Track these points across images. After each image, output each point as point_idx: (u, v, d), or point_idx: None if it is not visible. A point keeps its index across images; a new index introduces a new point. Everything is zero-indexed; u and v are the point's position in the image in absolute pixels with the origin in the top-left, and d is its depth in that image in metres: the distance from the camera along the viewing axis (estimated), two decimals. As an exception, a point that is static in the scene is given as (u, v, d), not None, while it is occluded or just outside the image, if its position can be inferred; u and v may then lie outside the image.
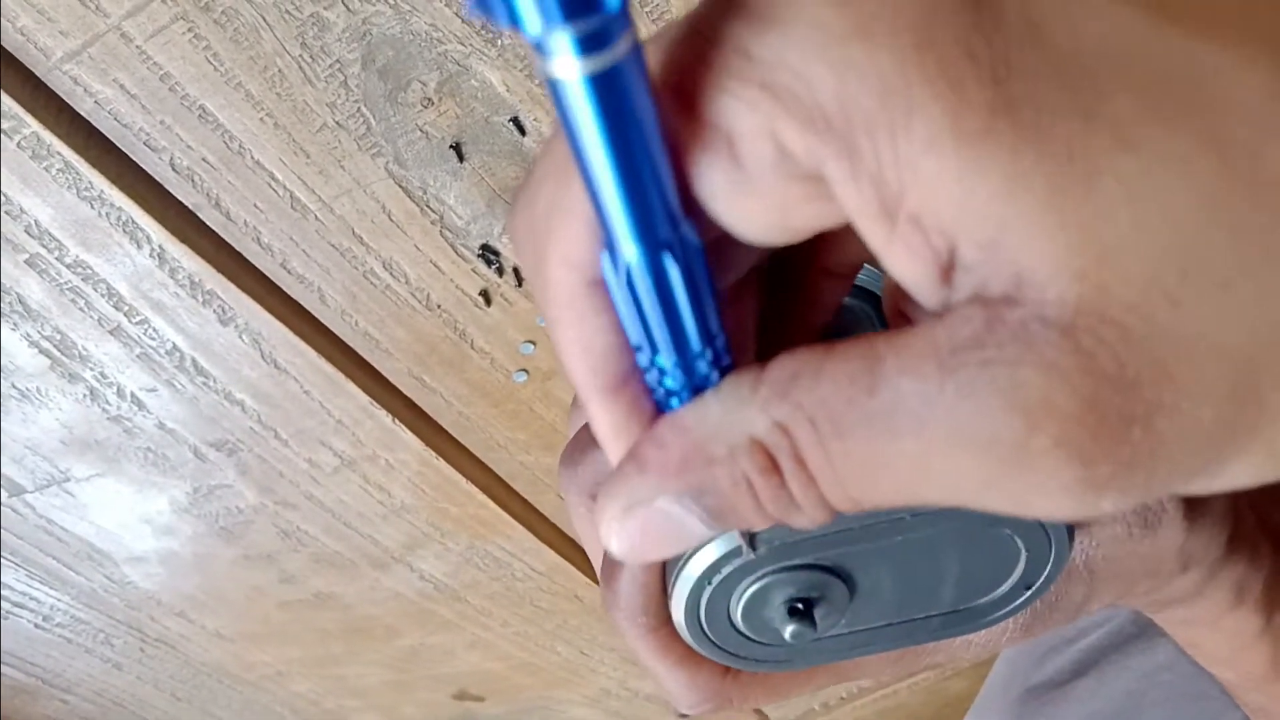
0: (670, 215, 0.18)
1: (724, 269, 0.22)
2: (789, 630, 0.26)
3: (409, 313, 0.64)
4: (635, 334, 0.20)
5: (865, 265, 0.25)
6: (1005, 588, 0.27)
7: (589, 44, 0.15)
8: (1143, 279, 0.15)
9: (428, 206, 0.58)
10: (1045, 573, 0.27)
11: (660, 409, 0.21)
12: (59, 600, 0.82)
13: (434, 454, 0.73)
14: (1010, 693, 0.65)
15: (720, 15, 0.17)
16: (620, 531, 0.21)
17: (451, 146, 0.56)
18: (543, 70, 0.16)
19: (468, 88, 0.54)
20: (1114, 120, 0.15)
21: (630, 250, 0.18)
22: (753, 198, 0.18)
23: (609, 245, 0.18)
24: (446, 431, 0.73)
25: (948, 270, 0.16)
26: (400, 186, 0.57)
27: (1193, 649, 0.36)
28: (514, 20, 0.14)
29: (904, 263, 0.17)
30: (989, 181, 0.15)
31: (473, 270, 0.62)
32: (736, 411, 0.19)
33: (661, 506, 0.20)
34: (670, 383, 0.20)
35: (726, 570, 0.26)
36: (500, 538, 0.82)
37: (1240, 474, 0.17)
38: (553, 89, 0.16)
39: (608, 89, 0.16)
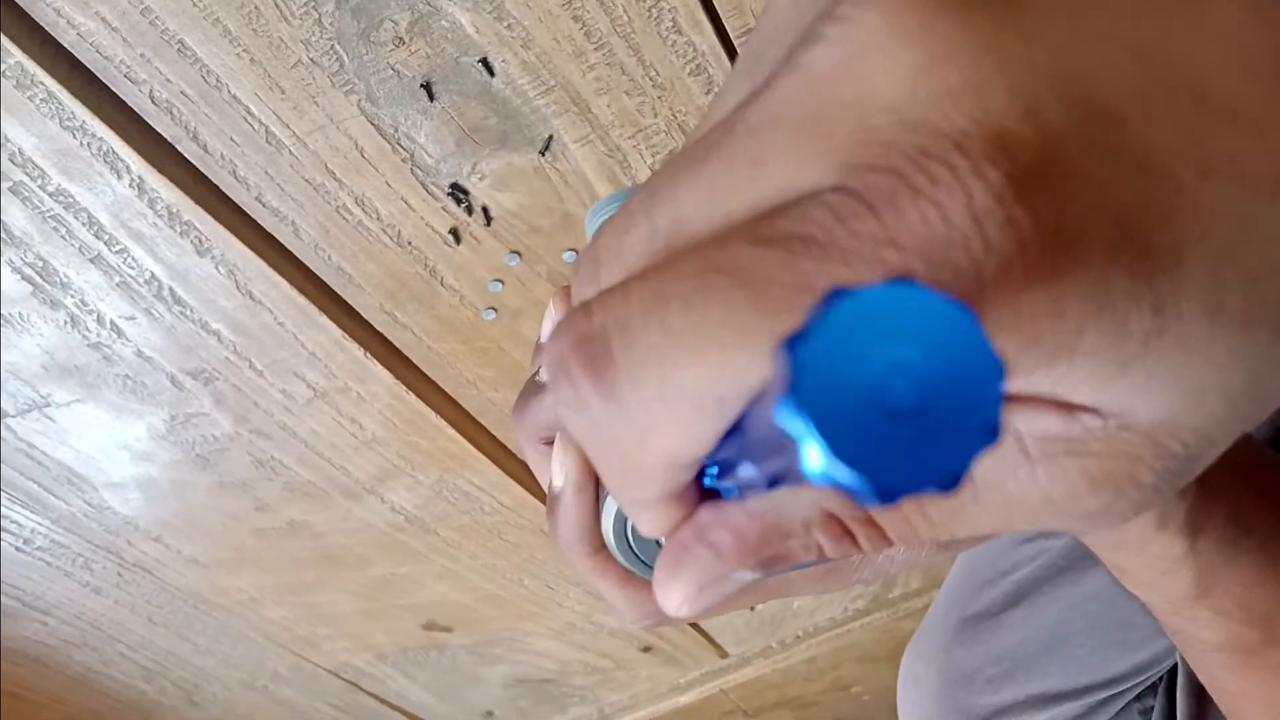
0: None
1: None
2: None
3: (380, 248, 0.66)
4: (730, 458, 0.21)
5: None
6: None
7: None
8: (1221, 406, 0.18)
9: (399, 144, 0.61)
10: None
11: (705, 489, 0.23)
12: (39, 524, 0.85)
13: (404, 388, 0.76)
14: (948, 622, 0.69)
15: None
16: (692, 603, 0.23)
17: (422, 85, 0.58)
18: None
19: (438, 28, 0.56)
20: (1227, 306, 0.18)
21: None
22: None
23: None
24: (416, 366, 0.76)
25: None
26: (372, 124, 0.59)
27: (1119, 572, 0.38)
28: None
29: None
30: (1127, 381, 0.18)
31: (442, 208, 0.64)
32: (815, 492, 0.21)
33: (734, 577, 0.23)
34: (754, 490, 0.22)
35: None
36: (469, 472, 0.85)
37: None
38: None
39: None
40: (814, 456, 0.13)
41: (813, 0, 0.18)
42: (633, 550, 0.30)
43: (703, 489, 0.23)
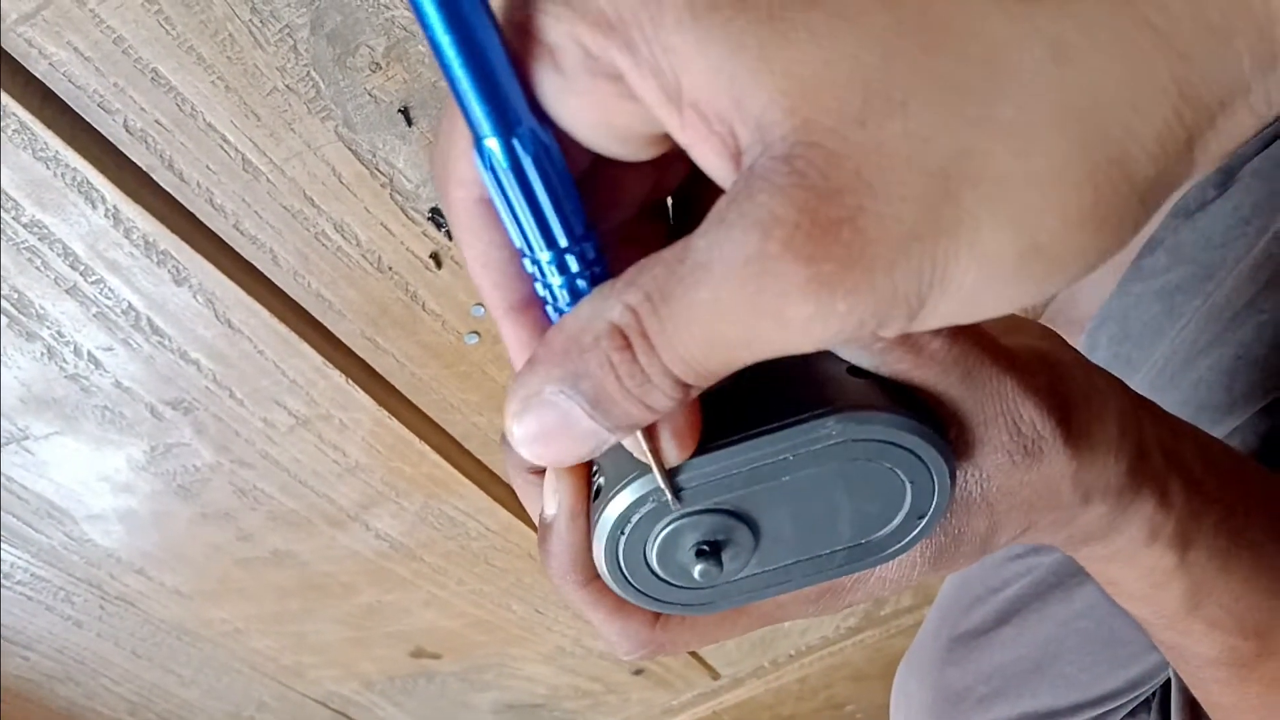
0: (516, 109, 0.21)
1: (612, 201, 0.26)
2: (697, 570, 0.29)
3: (361, 274, 0.66)
4: (512, 230, 0.23)
5: None
6: (899, 520, 0.29)
7: None
8: (834, 107, 0.18)
9: (377, 170, 0.60)
10: (933, 502, 0.29)
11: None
12: (19, 558, 0.84)
13: (387, 414, 0.75)
14: (939, 640, 0.68)
15: None
16: (520, 427, 0.24)
17: (400, 110, 0.58)
18: None
19: (415, 53, 0.55)
20: None
21: (488, 137, 0.22)
22: (576, 97, 0.21)
23: (476, 143, 0.22)
24: (399, 392, 0.75)
25: (737, 156, 0.20)
26: (350, 150, 0.59)
27: (1111, 586, 0.38)
28: None
29: (703, 155, 0.21)
30: (719, 47, 0.19)
31: (423, 233, 0.64)
32: (600, 303, 0.23)
33: (549, 397, 0.24)
34: (554, 281, 0.24)
35: (636, 518, 0.28)
36: (454, 497, 0.84)
37: (966, 284, 0.20)
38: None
39: None
40: None
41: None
42: (625, 577, 0.30)
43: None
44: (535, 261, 0.24)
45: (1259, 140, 0.59)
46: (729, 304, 0.20)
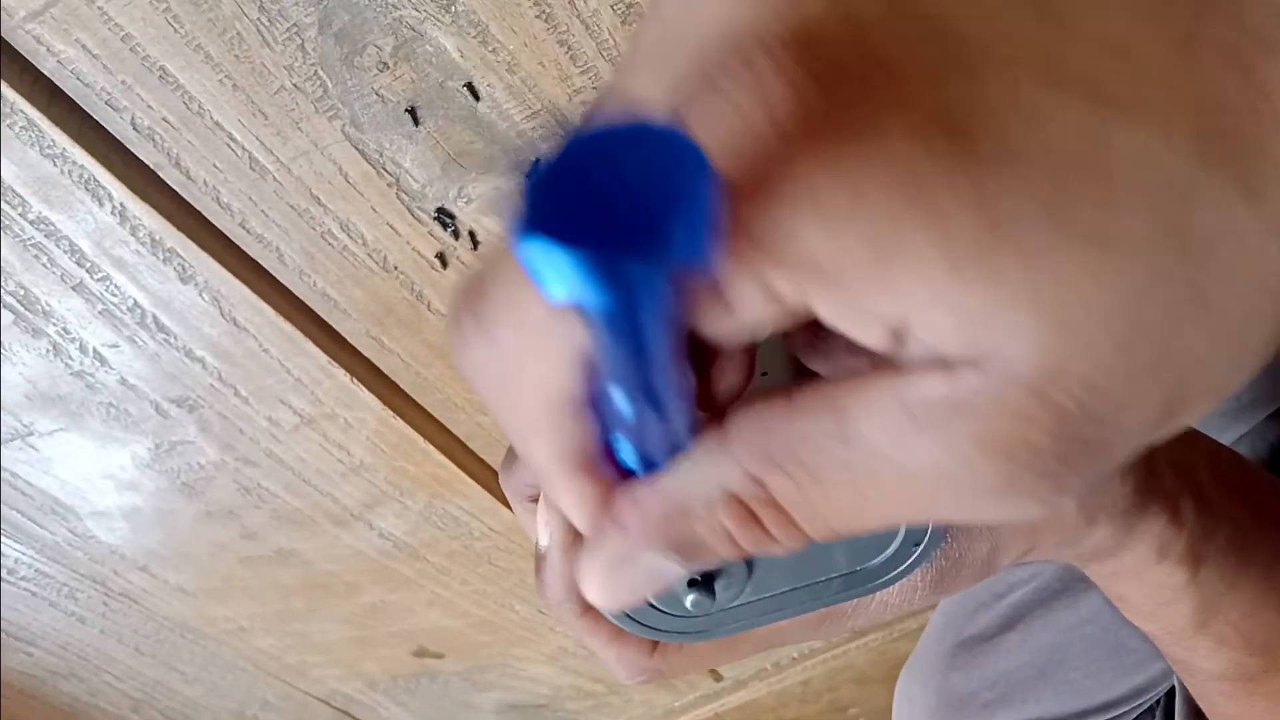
0: (677, 384, 0.19)
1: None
2: (690, 600, 0.29)
3: (366, 274, 0.66)
4: (626, 437, 0.21)
5: None
6: (894, 547, 0.30)
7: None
8: (1102, 344, 0.17)
9: (384, 169, 0.60)
10: (928, 529, 0.29)
11: (619, 466, 0.22)
12: (23, 554, 0.84)
13: (392, 413, 0.75)
14: (943, 645, 0.68)
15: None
16: (606, 588, 0.23)
17: (407, 110, 0.58)
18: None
19: (423, 52, 0.55)
20: (1075, 216, 0.17)
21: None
22: (734, 327, 0.19)
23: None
24: (404, 391, 0.75)
25: (900, 337, 0.18)
26: (357, 149, 0.59)
27: (1120, 602, 0.38)
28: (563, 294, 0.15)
29: (856, 330, 0.19)
30: (972, 297, 0.17)
31: (429, 233, 0.64)
32: (711, 469, 0.21)
33: (642, 560, 0.22)
34: (639, 450, 0.22)
35: None
36: (458, 497, 0.84)
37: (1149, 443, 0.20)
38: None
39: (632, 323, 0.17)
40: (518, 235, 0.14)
41: None
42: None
43: (623, 471, 0.23)
44: (632, 449, 0.21)
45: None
46: (928, 500, 0.19)
